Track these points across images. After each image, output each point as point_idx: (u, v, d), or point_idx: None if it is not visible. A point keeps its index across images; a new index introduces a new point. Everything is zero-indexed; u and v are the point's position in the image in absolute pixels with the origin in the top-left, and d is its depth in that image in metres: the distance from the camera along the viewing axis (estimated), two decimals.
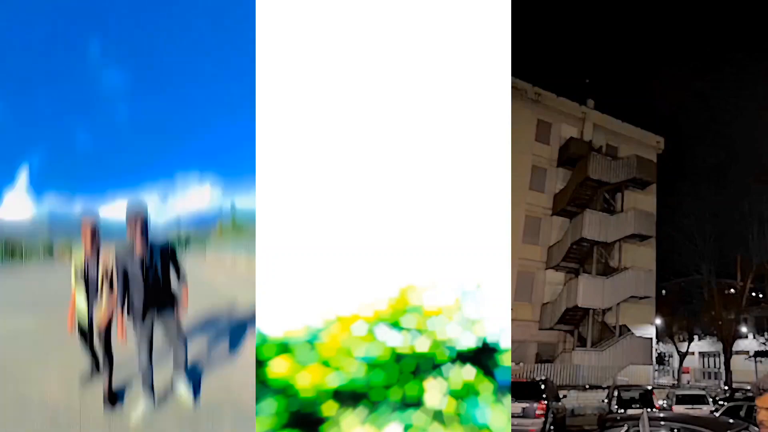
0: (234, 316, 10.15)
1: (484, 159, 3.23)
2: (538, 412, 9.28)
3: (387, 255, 3.05)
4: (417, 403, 2.68)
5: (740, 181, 20.49)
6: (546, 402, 9.39)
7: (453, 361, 2.78)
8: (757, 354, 23.81)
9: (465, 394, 2.71)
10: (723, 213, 20.21)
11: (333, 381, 2.66)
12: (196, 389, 5.29)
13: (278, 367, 2.68)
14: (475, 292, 2.91)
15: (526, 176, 19.26)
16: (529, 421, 9.19)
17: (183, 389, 5.03)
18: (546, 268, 19.40)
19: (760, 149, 20.92)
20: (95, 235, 4.91)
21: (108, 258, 4.91)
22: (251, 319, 9.95)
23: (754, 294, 22.88)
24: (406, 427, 2.65)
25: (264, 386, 2.67)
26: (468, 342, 2.82)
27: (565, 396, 12.61)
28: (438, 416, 2.66)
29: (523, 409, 9.29)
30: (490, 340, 2.84)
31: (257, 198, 3.24)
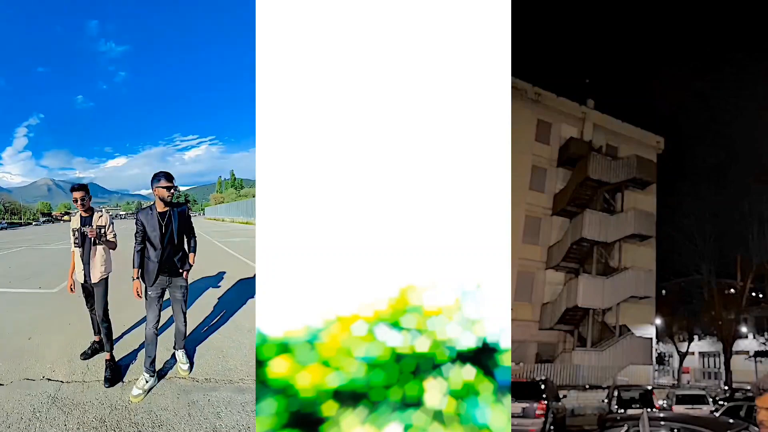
0: (231, 283, 10.15)
1: (484, 159, 3.23)
2: (538, 412, 9.28)
3: (387, 255, 3.04)
4: (417, 403, 2.68)
5: (740, 181, 20.53)
6: (546, 402, 9.38)
7: (453, 361, 2.78)
8: (757, 354, 23.82)
9: (465, 394, 2.71)
10: (723, 213, 20.25)
11: (333, 381, 2.67)
12: (193, 361, 5.34)
13: (278, 367, 2.68)
14: (475, 292, 2.91)
15: (526, 176, 19.26)
16: (529, 421, 9.19)
17: (183, 361, 5.10)
18: (546, 268, 19.40)
19: (760, 149, 20.97)
20: (86, 199, 5.08)
21: (102, 219, 5.13)
22: (250, 285, 9.90)
23: (754, 294, 22.87)
24: (406, 427, 2.65)
25: (264, 386, 2.67)
26: (468, 342, 2.82)
27: (565, 396, 12.61)
28: (438, 416, 2.67)
29: (523, 409, 9.30)
30: (490, 340, 2.85)
31: (257, 198, 3.24)
